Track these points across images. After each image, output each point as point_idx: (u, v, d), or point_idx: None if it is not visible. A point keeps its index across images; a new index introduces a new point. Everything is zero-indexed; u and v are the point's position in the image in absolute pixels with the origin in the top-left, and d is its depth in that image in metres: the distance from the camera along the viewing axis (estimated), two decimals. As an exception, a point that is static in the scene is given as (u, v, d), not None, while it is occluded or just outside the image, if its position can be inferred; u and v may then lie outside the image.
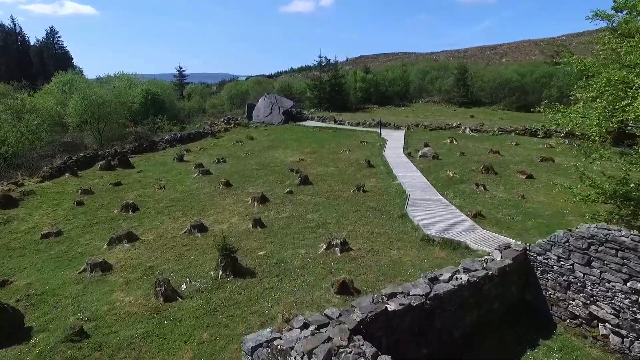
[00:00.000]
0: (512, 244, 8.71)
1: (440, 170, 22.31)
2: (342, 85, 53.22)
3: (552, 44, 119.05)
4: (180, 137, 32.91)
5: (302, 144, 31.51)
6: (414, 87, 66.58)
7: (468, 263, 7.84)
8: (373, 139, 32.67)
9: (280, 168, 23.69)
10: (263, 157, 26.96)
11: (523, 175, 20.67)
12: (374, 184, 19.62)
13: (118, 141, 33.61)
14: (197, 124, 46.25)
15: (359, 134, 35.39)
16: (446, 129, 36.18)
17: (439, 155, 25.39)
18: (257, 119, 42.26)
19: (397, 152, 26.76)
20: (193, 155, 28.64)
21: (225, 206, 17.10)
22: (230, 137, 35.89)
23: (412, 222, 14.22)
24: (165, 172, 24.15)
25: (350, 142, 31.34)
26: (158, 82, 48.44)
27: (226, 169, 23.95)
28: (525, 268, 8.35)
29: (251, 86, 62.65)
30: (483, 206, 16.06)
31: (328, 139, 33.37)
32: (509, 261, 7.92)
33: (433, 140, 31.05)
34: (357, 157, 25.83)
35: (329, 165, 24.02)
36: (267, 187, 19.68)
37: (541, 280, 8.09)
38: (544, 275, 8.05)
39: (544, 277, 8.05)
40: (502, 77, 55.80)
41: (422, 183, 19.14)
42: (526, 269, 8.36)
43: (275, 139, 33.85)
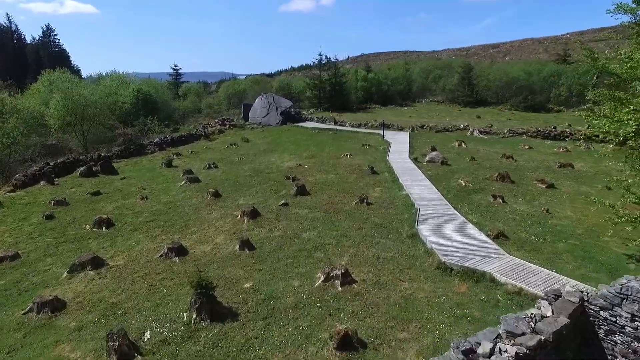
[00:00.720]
0: (562, 291, 6.74)
1: (450, 178, 20.34)
2: (343, 85, 51.22)
3: (556, 42, 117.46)
4: (171, 139, 30.97)
5: (301, 147, 29.55)
6: (417, 86, 64.50)
7: (511, 323, 5.89)
8: (376, 141, 30.69)
9: (276, 175, 21.74)
10: (258, 163, 25.00)
11: (543, 184, 18.70)
12: (379, 195, 17.65)
13: (105, 144, 31.67)
14: (191, 124, 44.34)
15: (360, 136, 33.41)
16: (453, 130, 34.20)
17: (448, 161, 23.40)
18: (253, 120, 40.29)
19: (402, 157, 24.78)
20: (183, 160, 26.69)
21: (212, 221, 15.15)
22: (224, 139, 33.94)
23: (424, 244, 12.25)
24: (151, 179, 22.21)
25: (351, 146, 29.36)
26: (151, 80, 46.46)
27: (217, 176, 22.00)
28: (583, 323, 6.41)
29: (249, 85, 60.62)
30: (504, 223, 14.09)
31: (328, 141, 31.40)
32: (564, 319, 5.97)
33: (440, 144, 29.06)
34: (360, 163, 23.88)
35: (328, 172, 22.06)
36: (260, 198, 17.73)
37: (606, 342, 6.17)
38: (611, 337, 6.12)
39: (611, 339, 6.12)
40: (508, 76, 53.77)
41: (432, 194, 17.17)
42: (583, 324, 6.42)
43: (272, 142, 31.90)
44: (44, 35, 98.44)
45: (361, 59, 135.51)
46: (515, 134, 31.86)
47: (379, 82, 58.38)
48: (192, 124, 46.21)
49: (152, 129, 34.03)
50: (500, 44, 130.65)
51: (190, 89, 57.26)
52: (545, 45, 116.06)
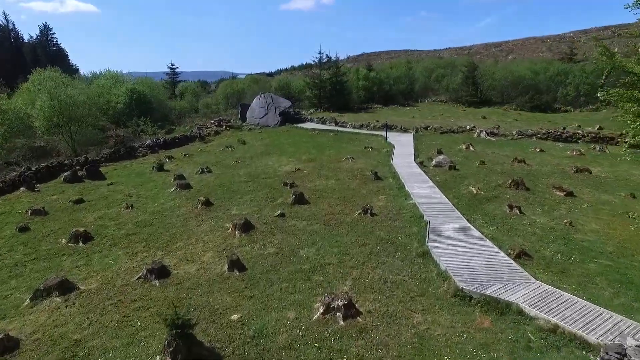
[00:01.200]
0: (625, 344, 5.32)
1: (460, 184, 18.91)
2: (344, 84, 49.75)
3: (560, 40, 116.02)
4: (163, 142, 29.55)
5: (300, 149, 28.14)
6: (419, 86, 63.01)
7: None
8: (379, 144, 29.26)
9: (273, 181, 20.33)
10: (254, 166, 23.60)
11: (561, 192, 17.27)
12: (384, 204, 16.23)
13: (96, 146, 30.28)
14: (187, 125, 42.95)
15: (362, 138, 31.98)
16: (459, 132, 32.76)
17: (456, 165, 21.97)
18: (251, 121, 38.87)
19: (407, 161, 23.35)
20: (175, 164, 25.28)
21: (200, 235, 13.75)
22: (220, 141, 32.53)
23: (437, 265, 10.84)
24: (139, 184, 20.81)
25: (353, 148, 27.95)
26: (147, 80, 45.10)
27: (210, 182, 20.60)
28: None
29: (247, 84, 59.16)
30: (524, 238, 12.68)
31: (328, 144, 29.98)
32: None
33: (446, 146, 27.64)
34: (362, 167, 22.46)
35: (329, 177, 20.64)
36: (255, 207, 16.32)
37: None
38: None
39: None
40: (514, 75, 52.29)
41: (442, 203, 15.74)
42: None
43: (270, 144, 30.48)
44: (42, 34, 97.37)
45: (362, 58, 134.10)
46: (524, 135, 30.41)
47: (380, 82, 56.91)
48: (188, 124, 44.83)
49: (145, 131, 32.60)
50: (503, 42, 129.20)
51: (187, 88, 55.86)
52: (548, 43, 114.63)
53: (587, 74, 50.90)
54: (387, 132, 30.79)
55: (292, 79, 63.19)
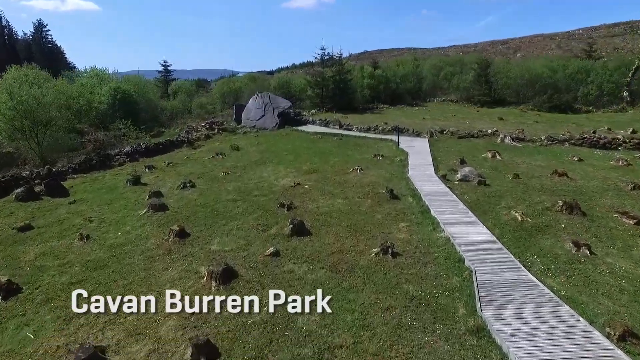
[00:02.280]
0: None
1: (496, 206, 15.35)
2: (348, 82, 46.14)
3: (569, 38, 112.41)
4: (145, 148, 26.00)
5: (300, 157, 24.58)
6: (427, 84, 59.32)
7: None
8: (390, 150, 25.68)
9: (267, 199, 16.80)
10: (246, 179, 20.07)
11: (629, 219, 13.68)
12: (406, 236, 12.68)
13: (71, 153, 26.78)
14: (177, 127, 39.42)
15: (371, 143, 28.40)
16: (479, 136, 29.13)
17: (486, 180, 18.38)
18: (246, 123, 35.30)
19: (427, 173, 19.78)
20: (155, 175, 21.75)
21: (163, 285, 10.22)
22: (211, 146, 28.97)
23: (505, 355, 7.28)
24: (107, 203, 17.31)
25: (361, 156, 24.37)
26: (134, 77, 41.58)
27: (191, 201, 17.08)
28: None
29: (245, 83, 55.56)
30: (611, 299, 9.11)
31: (333, 150, 26.40)
32: None
33: (468, 154, 24.07)
34: (374, 181, 18.90)
35: (335, 195, 17.09)
36: (241, 240, 12.79)
37: None
38: None
39: None
40: (530, 73, 48.57)
41: (483, 237, 12.18)
42: None
43: (267, 150, 26.90)
44: (36, 31, 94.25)
45: (364, 56, 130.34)
46: (555, 141, 26.76)
47: (387, 80, 53.30)
48: (179, 126, 41.33)
49: (127, 135, 29.07)
50: (509, 40, 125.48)
51: (180, 87, 52.25)
52: (557, 41, 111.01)
53: (611, 71, 47.28)
54: (398, 137, 27.18)
55: (293, 77, 59.54)
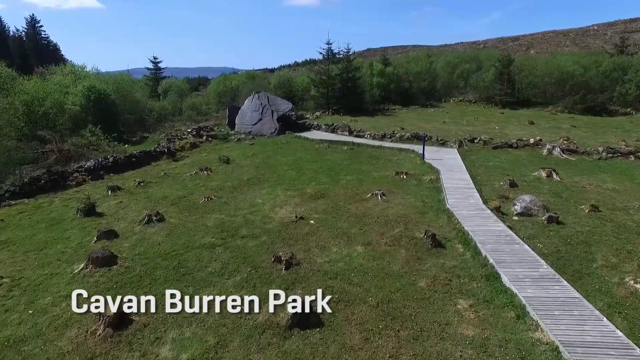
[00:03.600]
0: None
1: (590, 262, 10.49)
2: (357, 81, 41.20)
3: (583, 34, 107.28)
4: (114, 162, 21.19)
5: (304, 174, 19.78)
6: (441, 83, 54.27)
7: None
8: (414, 165, 20.81)
9: (258, 246, 12.02)
10: (233, 209, 15.29)
11: None
12: (476, 334, 7.84)
13: (28, 166, 22.05)
14: (163, 132, 34.69)
15: (388, 154, 23.54)
16: (519, 147, 24.16)
17: (559, 216, 13.48)
18: (241, 128, 30.45)
19: (471, 203, 14.88)
20: (118, 201, 16.97)
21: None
22: (196, 158, 24.17)
23: None
24: (38, 249, 12.58)
25: (379, 173, 19.53)
26: (116, 76, 36.89)
27: (153, 246, 12.31)
28: None
29: (243, 81, 50.60)
30: None
31: (343, 164, 21.55)
32: None
33: (514, 171, 19.23)
34: (402, 214, 14.08)
35: (352, 239, 12.28)
36: (211, 337, 8.00)
37: None
38: None
39: None
40: (560, 71, 43.47)
41: (611, 339, 7.32)
42: None
43: (263, 164, 22.07)
44: (29, 27, 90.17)
45: (367, 54, 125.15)
46: (616, 153, 21.78)
47: (398, 78, 48.35)
48: (166, 130, 36.57)
49: (95, 144, 24.29)
50: (520, 36, 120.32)
51: (171, 85, 47.39)
52: (571, 37, 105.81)
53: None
54: (424, 149, 22.23)
55: (294, 75, 54.60)
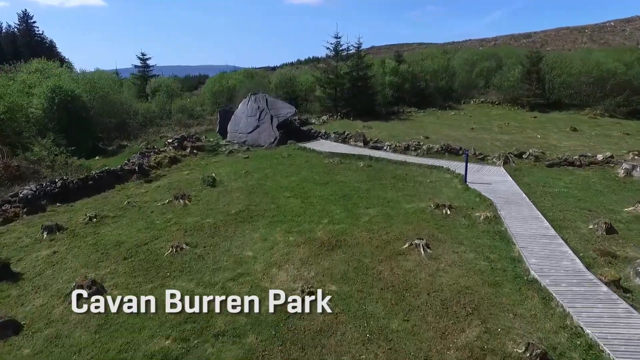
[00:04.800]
0: None
1: None
2: (369, 80, 36.17)
3: (600, 30, 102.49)
4: (62, 187, 16.24)
5: (311, 205, 14.83)
6: (459, 82, 49.04)
7: None
8: (456, 192, 15.82)
9: (238, 358, 7.09)
10: (210, 270, 10.40)
11: None
12: None
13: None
14: (144, 141, 29.82)
15: (417, 173, 18.54)
16: (582, 164, 19.09)
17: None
18: (234, 137, 25.46)
19: (565, 266, 9.87)
20: (52, 250, 12.05)
21: None
22: (175, 178, 19.20)
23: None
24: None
25: (411, 205, 14.54)
26: (92, 74, 32.02)
27: (69, 356, 7.38)
28: None
29: (240, 80, 45.55)
30: None
31: (361, 189, 16.56)
32: None
33: (594, 202, 14.23)
34: (463, 285, 9.16)
35: (395, 347, 7.33)
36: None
37: None
38: None
39: None
40: (600, 69, 38.29)
41: None
42: None
43: (258, 189, 17.10)
44: (21, 23, 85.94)
45: (372, 51, 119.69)
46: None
47: (413, 77, 43.27)
48: (150, 137, 31.67)
49: (49, 159, 19.34)
50: (532, 33, 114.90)
51: (160, 84, 42.37)
52: (587, 33, 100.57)
53: None
54: (466, 170, 17.13)
55: (297, 73, 49.50)
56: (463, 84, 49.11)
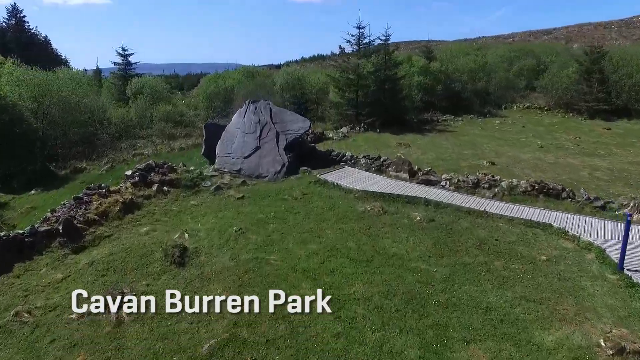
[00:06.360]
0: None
1: None
2: (398, 82, 28.85)
3: (629, 25, 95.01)
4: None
5: (351, 329, 7.57)
6: (496, 84, 41.40)
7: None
8: (613, 299, 8.58)
9: None
10: None
11: None
12: None
13: None
14: (110, 159, 22.70)
15: (511, 239, 11.26)
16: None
17: None
18: (225, 163, 18.10)
19: None
20: None
21: None
22: (123, 244, 11.93)
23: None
24: None
25: (550, 336, 7.30)
26: (43, 75, 24.88)
27: None
28: None
29: (239, 80, 38.17)
30: None
31: (434, 277, 9.29)
32: None
33: None
34: None
35: None
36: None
37: None
38: None
39: None
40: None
41: None
42: None
43: (255, 271, 9.87)
44: (9, 18, 79.73)
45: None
46: None
47: (447, 78, 35.88)
48: (112, 156, 24.45)
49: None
50: (553, 29, 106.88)
51: (144, 85, 35.08)
52: (613, 29, 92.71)
53: None
54: (624, 250, 9.81)
55: (307, 72, 41.85)
56: (500, 85, 41.52)
